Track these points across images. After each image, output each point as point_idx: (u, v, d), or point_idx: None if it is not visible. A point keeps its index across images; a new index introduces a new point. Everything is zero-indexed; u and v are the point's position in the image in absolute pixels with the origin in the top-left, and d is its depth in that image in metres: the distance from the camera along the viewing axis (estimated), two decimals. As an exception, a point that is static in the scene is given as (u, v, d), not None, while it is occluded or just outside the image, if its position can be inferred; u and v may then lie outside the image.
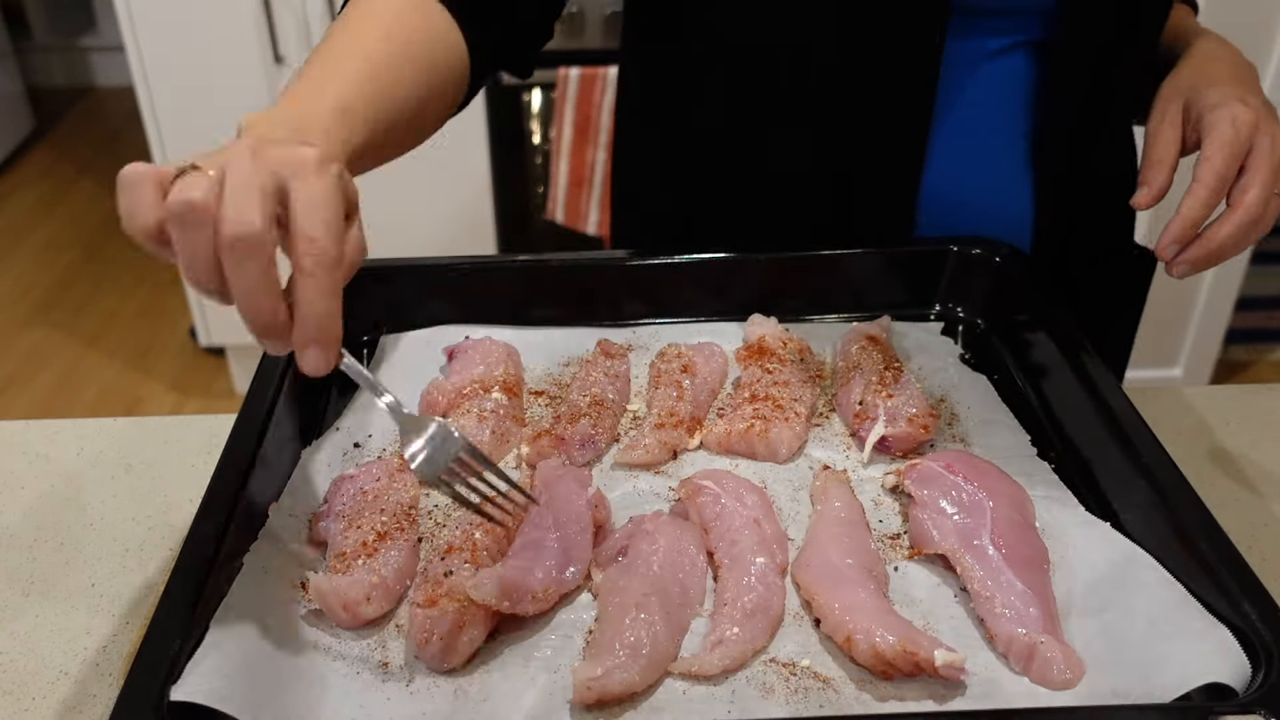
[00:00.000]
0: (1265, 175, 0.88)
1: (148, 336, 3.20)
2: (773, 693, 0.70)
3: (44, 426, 1.08)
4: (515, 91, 2.47)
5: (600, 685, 0.68)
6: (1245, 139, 0.88)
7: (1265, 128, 0.89)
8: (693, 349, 1.01)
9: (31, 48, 4.59)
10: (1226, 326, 2.73)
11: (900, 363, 0.98)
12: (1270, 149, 0.88)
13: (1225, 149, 0.88)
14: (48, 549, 0.94)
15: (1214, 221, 0.89)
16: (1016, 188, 1.06)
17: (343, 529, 0.80)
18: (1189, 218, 0.88)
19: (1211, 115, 0.90)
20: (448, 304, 1.06)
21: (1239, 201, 0.88)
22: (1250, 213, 0.88)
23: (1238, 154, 0.88)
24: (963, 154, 1.04)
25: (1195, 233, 0.89)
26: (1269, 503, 0.98)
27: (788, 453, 0.91)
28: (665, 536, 0.79)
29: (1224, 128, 0.89)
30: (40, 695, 0.80)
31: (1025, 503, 0.83)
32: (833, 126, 1.03)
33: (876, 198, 1.07)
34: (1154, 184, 0.92)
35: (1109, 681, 0.70)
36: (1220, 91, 0.92)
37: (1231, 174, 0.89)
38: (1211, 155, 0.88)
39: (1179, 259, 0.90)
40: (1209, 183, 0.88)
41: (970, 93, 1.02)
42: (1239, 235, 0.88)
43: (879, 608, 0.74)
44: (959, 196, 1.06)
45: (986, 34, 1.00)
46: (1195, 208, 0.88)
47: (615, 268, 1.08)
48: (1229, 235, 0.88)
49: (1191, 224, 0.89)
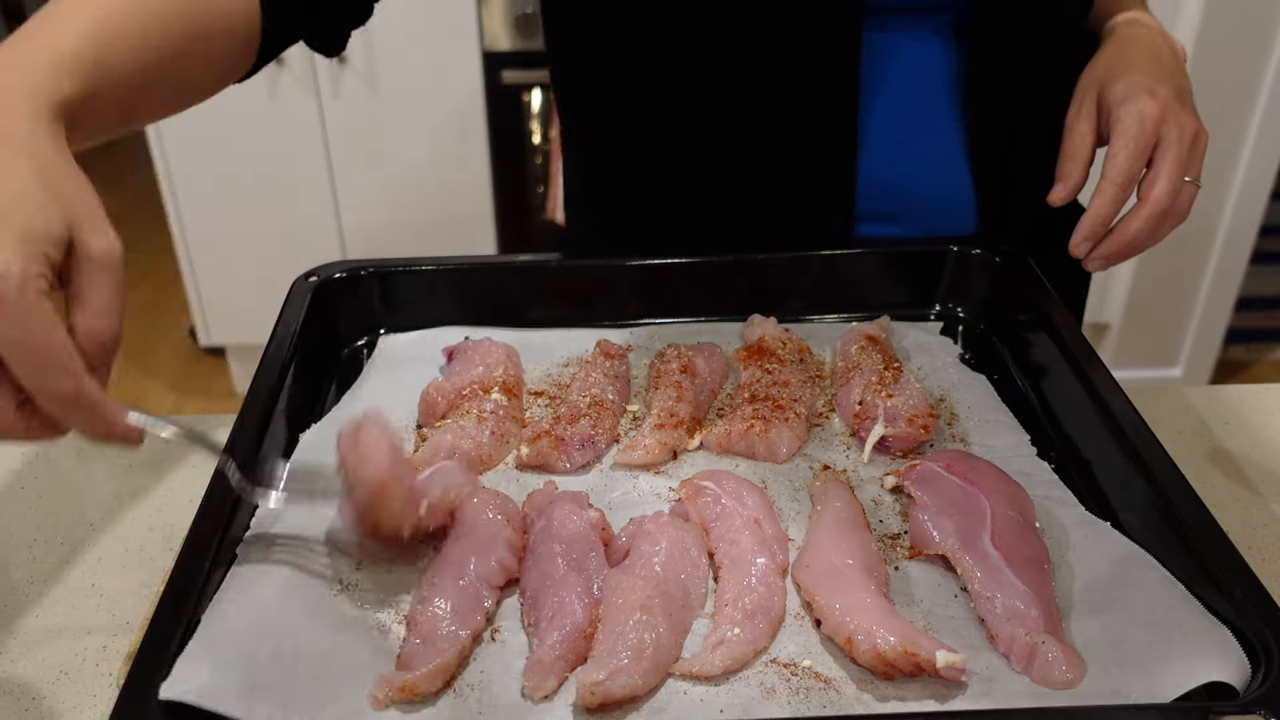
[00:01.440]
0: (1171, 167, 0.89)
1: (148, 336, 3.20)
2: (774, 693, 0.70)
3: (44, 426, 1.08)
4: (515, 91, 2.47)
5: (604, 690, 0.68)
6: (1151, 132, 0.89)
7: (1172, 118, 0.90)
8: (693, 349, 1.01)
9: (31, 48, 4.58)
10: (1226, 326, 2.73)
11: (900, 363, 0.98)
12: (1177, 140, 0.89)
13: (1130, 145, 0.89)
14: (48, 549, 0.94)
15: (1125, 215, 0.91)
16: (957, 176, 1.08)
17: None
18: (1098, 215, 0.90)
19: (1119, 110, 0.91)
20: (448, 304, 1.06)
21: (1147, 195, 0.90)
22: (1159, 204, 0.89)
23: (1143, 148, 0.90)
24: (898, 143, 1.05)
25: (1105, 229, 0.91)
26: (1269, 503, 0.98)
27: (788, 453, 0.91)
28: (666, 538, 0.79)
29: (1129, 123, 0.90)
30: (40, 695, 0.80)
31: (1025, 503, 0.83)
32: (763, 124, 1.03)
33: (813, 192, 1.07)
34: (1068, 180, 0.93)
35: (1109, 681, 0.70)
36: (1129, 82, 0.92)
37: (1137, 168, 0.90)
38: (1117, 152, 0.90)
39: (1093, 254, 0.92)
40: (1115, 179, 0.90)
41: (896, 81, 1.03)
42: (1150, 227, 0.90)
43: (880, 608, 0.73)
44: (901, 186, 1.07)
45: (905, 22, 1.01)
46: (1103, 205, 0.90)
47: (615, 268, 1.08)
48: (1139, 229, 0.90)
49: (1101, 221, 0.91)
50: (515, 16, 2.38)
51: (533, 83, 2.46)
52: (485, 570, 0.77)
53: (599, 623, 0.73)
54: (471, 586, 0.76)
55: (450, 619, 0.73)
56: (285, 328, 0.96)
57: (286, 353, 0.92)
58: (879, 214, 1.08)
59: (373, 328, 1.06)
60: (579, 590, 0.76)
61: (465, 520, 0.80)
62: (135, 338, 3.19)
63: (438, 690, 0.70)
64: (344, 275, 1.04)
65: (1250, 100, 2.41)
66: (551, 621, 0.74)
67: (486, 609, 0.75)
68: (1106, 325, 2.71)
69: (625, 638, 0.71)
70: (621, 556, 0.80)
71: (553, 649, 0.72)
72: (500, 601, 0.78)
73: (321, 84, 2.47)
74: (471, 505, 0.82)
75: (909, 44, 1.02)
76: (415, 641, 0.72)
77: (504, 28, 2.41)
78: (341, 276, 1.03)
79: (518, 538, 0.80)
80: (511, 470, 0.91)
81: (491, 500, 0.82)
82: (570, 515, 0.80)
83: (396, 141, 2.54)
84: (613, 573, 0.77)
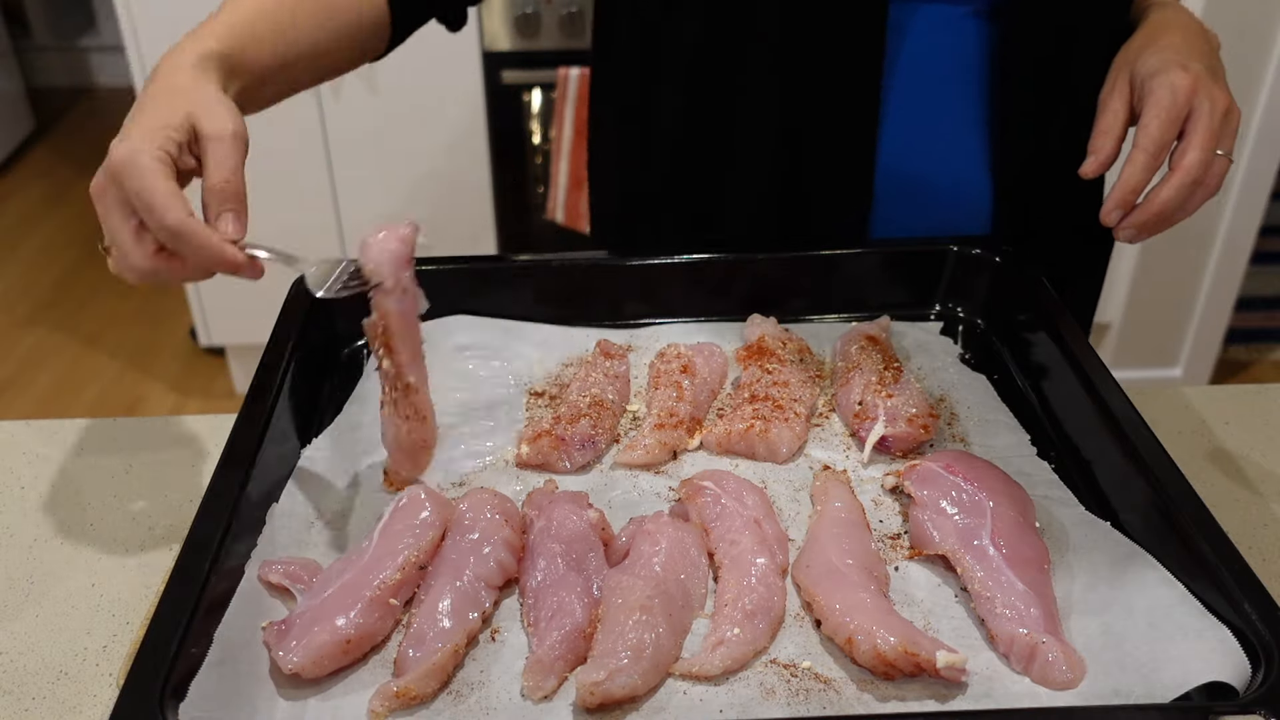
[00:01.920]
0: (1203, 137, 0.89)
1: (148, 336, 3.20)
2: (774, 694, 0.70)
3: (44, 426, 1.08)
4: (515, 91, 2.47)
5: (604, 690, 0.68)
6: (1183, 103, 0.90)
7: (1204, 91, 0.90)
8: (692, 349, 1.01)
9: (31, 48, 4.58)
10: (1226, 326, 2.73)
11: (900, 363, 0.98)
12: (1209, 111, 0.89)
13: (1162, 114, 0.89)
14: (48, 549, 0.94)
15: (1156, 185, 0.91)
16: (976, 164, 1.07)
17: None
18: (1129, 184, 0.90)
19: (1150, 82, 0.91)
20: (448, 304, 1.06)
21: (1178, 164, 0.90)
22: (1190, 174, 0.89)
23: (1175, 119, 0.90)
24: (918, 129, 1.06)
25: (1136, 198, 0.91)
26: (1269, 503, 0.98)
27: (788, 453, 0.91)
28: (666, 538, 0.79)
29: (1161, 93, 0.90)
30: (40, 695, 0.80)
31: (1025, 503, 0.83)
32: (785, 100, 1.04)
33: (831, 172, 1.07)
34: (1100, 152, 0.93)
35: (1109, 681, 0.70)
36: (1161, 58, 0.93)
37: (1169, 139, 0.90)
38: (1148, 122, 0.90)
39: (1124, 224, 0.92)
40: (1147, 148, 0.90)
41: (923, 66, 1.03)
42: (1180, 197, 0.90)
43: (880, 608, 0.73)
44: (917, 173, 1.07)
45: (933, 8, 1.01)
46: (1134, 174, 0.90)
47: (615, 268, 1.08)
48: (1170, 198, 0.90)
49: (1131, 189, 0.90)
50: (515, 16, 2.38)
51: (533, 83, 2.46)
52: (484, 570, 0.77)
53: (599, 623, 0.73)
54: (469, 587, 0.76)
55: (444, 619, 0.73)
56: (285, 328, 0.96)
57: (286, 353, 0.92)
58: (894, 197, 1.08)
59: (373, 328, 1.06)
60: (579, 590, 0.76)
61: (464, 520, 0.80)
62: (135, 338, 3.19)
63: (435, 691, 0.70)
64: (344, 275, 1.03)
65: (1251, 100, 2.41)
66: (551, 621, 0.74)
67: (485, 609, 0.75)
68: (1106, 325, 2.71)
69: (625, 638, 0.71)
70: (621, 556, 0.80)
71: (552, 649, 0.72)
72: (499, 602, 0.78)
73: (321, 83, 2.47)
74: (470, 505, 0.82)
75: (936, 27, 1.02)
76: (410, 645, 0.72)
77: (504, 28, 2.41)
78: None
79: (516, 538, 0.80)
80: (511, 470, 0.91)
81: (490, 500, 0.82)
82: (570, 515, 0.80)
83: (396, 141, 2.53)
84: (612, 573, 0.77)
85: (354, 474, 0.89)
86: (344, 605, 0.73)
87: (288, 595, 0.77)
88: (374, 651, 0.74)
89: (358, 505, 0.87)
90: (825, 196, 1.08)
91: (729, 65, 1.04)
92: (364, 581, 0.75)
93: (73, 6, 4.66)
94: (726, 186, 1.10)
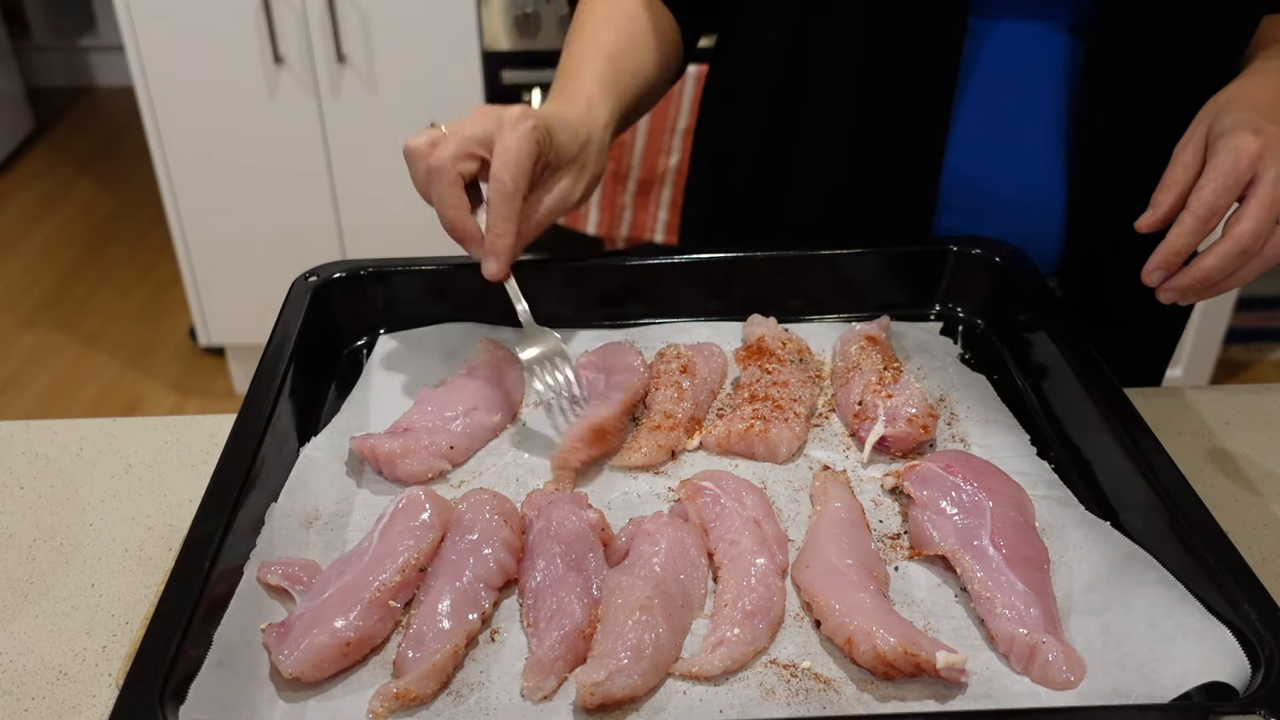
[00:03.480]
0: (1261, 207, 0.85)
1: (148, 336, 3.20)
2: (774, 694, 0.70)
3: (44, 426, 1.08)
4: (515, 91, 2.47)
5: (604, 690, 0.68)
6: (1245, 169, 0.86)
7: (1273, 158, 0.86)
8: (692, 349, 1.01)
9: (31, 48, 4.58)
10: (1226, 326, 2.73)
11: (900, 363, 0.98)
12: (1274, 180, 0.85)
13: (1220, 179, 0.86)
14: (48, 549, 0.94)
15: (1204, 251, 0.88)
16: (1051, 182, 1.06)
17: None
18: (1172, 246, 0.87)
19: (1217, 143, 0.88)
20: (448, 304, 1.06)
21: (1229, 232, 0.86)
22: (1239, 243, 0.85)
23: (1232, 184, 0.86)
24: (991, 141, 1.04)
25: (1179, 261, 0.88)
26: (1269, 503, 0.98)
27: (787, 453, 0.91)
28: (666, 538, 0.79)
29: (1224, 155, 0.86)
30: (40, 695, 0.80)
31: (1025, 503, 0.83)
32: (859, 100, 1.04)
33: (897, 174, 1.07)
34: (1160, 207, 0.90)
35: (1109, 681, 0.70)
36: (1237, 117, 0.89)
37: (1224, 204, 0.87)
38: (1204, 185, 0.87)
39: (1165, 286, 0.89)
40: (1197, 212, 0.86)
41: (1002, 79, 1.02)
42: (1226, 265, 0.86)
43: (880, 609, 0.73)
44: (988, 186, 1.06)
45: (1017, 14, 1.00)
46: (1179, 236, 0.87)
47: (615, 268, 1.08)
48: (1214, 265, 0.86)
49: (1175, 252, 0.87)
50: (515, 16, 2.38)
51: (533, 83, 2.46)
52: (483, 571, 0.77)
53: (598, 623, 0.73)
54: (469, 587, 0.76)
55: (444, 620, 0.73)
56: (285, 328, 0.96)
57: (286, 353, 0.92)
58: (961, 207, 1.08)
59: (373, 328, 1.06)
60: (578, 590, 0.76)
61: (463, 521, 0.80)
62: (135, 338, 3.19)
63: (435, 692, 0.70)
64: (344, 275, 1.04)
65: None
66: (551, 622, 0.74)
67: (484, 610, 0.75)
68: (1106, 325, 2.71)
69: (625, 638, 0.71)
70: (621, 557, 0.80)
71: (552, 649, 0.72)
72: (499, 602, 0.78)
73: (321, 84, 2.47)
74: (469, 506, 0.82)
75: (1017, 38, 1.01)
76: (410, 646, 0.72)
77: (504, 28, 2.41)
78: (341, 276, 1.03)
79: (516, 538, 0.80)
80: (511, 470, 0.91)
81: (490, 501, 0.82)
82: (569, 515, 0.80)
83: (396, 141, 2.54)
84: (612, 573, 0.77)
85: (354, 475, 0.89)
86: (343, 607, 0.73)
87: (287, 596, 0.77)
88: (373, 652, 0.74)
89: (357, 505, 0.87)
90: (889, 198, 1.08)
91: (807, 61, 1.05)
92: (363, 583, 0.75)
93: (73, 6, 4.66)
94: (795, 181, 1.12)
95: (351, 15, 2.39)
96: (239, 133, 2.53)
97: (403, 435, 0.89)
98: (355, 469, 0.90)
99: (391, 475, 0.88)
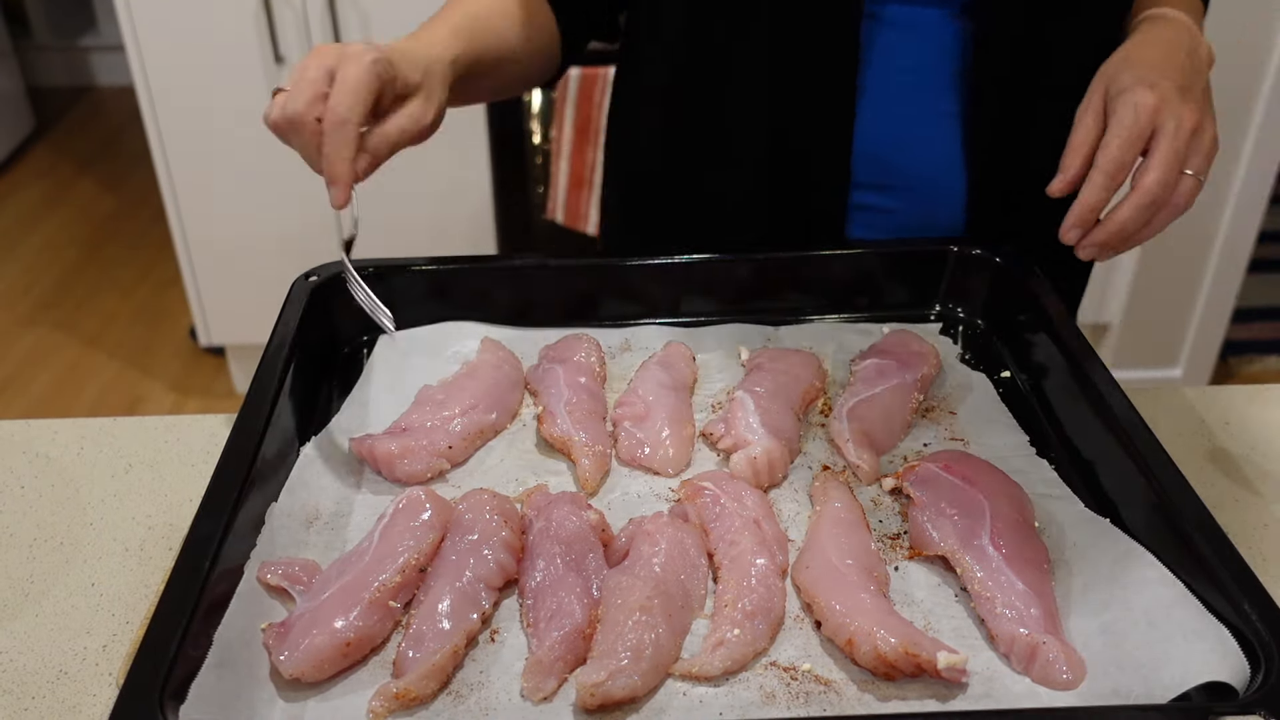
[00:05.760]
0: (1164, 157, 0.89)
1: (148, 336, 3.20)
2: (774, 699, 0.70)
3: (44, 426, 1.08)
4: (515, 91, 2.47)
5: (604, 691, 0.68)
6: (1145, 123, 0.89)
7: (1169, 110, 0.90)
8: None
9: (31, 48, 4.58)
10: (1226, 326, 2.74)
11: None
12: (1174, 131, 0.89)
13: (1123, 134, 0.89)
14: (48, 549, 0.94)
15: (1115, 204, 0.91)
16: (950, 159, 1.08)
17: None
18: (1086, 203, 0.91)
19: (1115, 101, 0.92)
20: (448, 303, 1.06)
21: (1138, 184, 0.90)
22: (1148, 194, 0.89)
23: (1135, 138, 0.90)
24: (893, 122, 1.07)
25: (1094, 217, 0.91)
26: (1269, 503, 0.98)
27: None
28: (666, 538, 0.79)
29: (1124, 112, 0.90)
30: (40, 695, 0.80)
31: (1025, 503, 0.83)
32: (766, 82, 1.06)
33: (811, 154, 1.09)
34: (1068, 170, 0.93)
35: (1109, 681, 0.70)
36: (1132, 74, 0.93)
37: (1128, 159, 0.90)
38: (1109, 142, 0.90)
39: (1083, 242, 0.92)
40: (1104, 168, 0.90)
41: (898, 62, 1.05)
42: (1139, 217, 0.90)
43: (880, 609, 0.73)
44: (893, 163, 1.09)
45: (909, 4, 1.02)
46: (1092, 193, 0.90)
47: (615, 268, 1.08)
48: (1128, 218, 0.90)
49: (1089, 209, 0.91)
50: (515, 16, 2.38)
51: (533, 83, 2.46)
52: (483, 571, 0.77)
53: (598, 623, 0.73)
54: (469, 587, 0.76)
55: (444, 620, 0.73)
56: (285, 328, 0.96)
57: (286, 353, 0.92)
58: (874, 184, 1.10)
59: (373, 327, 1.05)
60: (578, 591, 0.76)
61: (463, 521, 0.80)
62: (135, 338, 3.19)
63: (435, 692, 0.70)
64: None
65: (1250, 102, 2.41)
66: (551, 622, 0.74)
67: (484, 610, 0.75)
68: (1106, 325, 2.71)
69: (625, 638, 0.71)
70: (621, 557, 0.80)
71: (552, 650, 0.72)
72: (499, 603, 0.78)
73: (321, 84, 2.47)
74: (469, 506, 0.82)
75: (912, 21, 1.03)
76: (410, 646, 0.72)
77: (504, 28, 2.41)
78: (341, 276, 1.03)
79: (515, 538, 0.80)
80: (511, 470, 0.91)
81: (489, 501, 0.82)
82: (569, 516, 0.80)
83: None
84: (612, 573, 0.77)
85: (354, 474, 0.89)
86: (343, 607, 0.73)
87: (287, 596, 0.77)
88: (373, 652, 0.74)
89: (357, 505, 0.87)
90: (803, 180, 1.10)
91: (714, 48, 1.06)
92: (363, 583, 0.75)
93: (73, 6, 4.66)
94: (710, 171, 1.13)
95: (352, 15, 2.39)
96: (239, 133, 2.52)
97: (401, 435, 0.89)
98: (355, 469, 0.90)
99: (391, 476, 0.88)
